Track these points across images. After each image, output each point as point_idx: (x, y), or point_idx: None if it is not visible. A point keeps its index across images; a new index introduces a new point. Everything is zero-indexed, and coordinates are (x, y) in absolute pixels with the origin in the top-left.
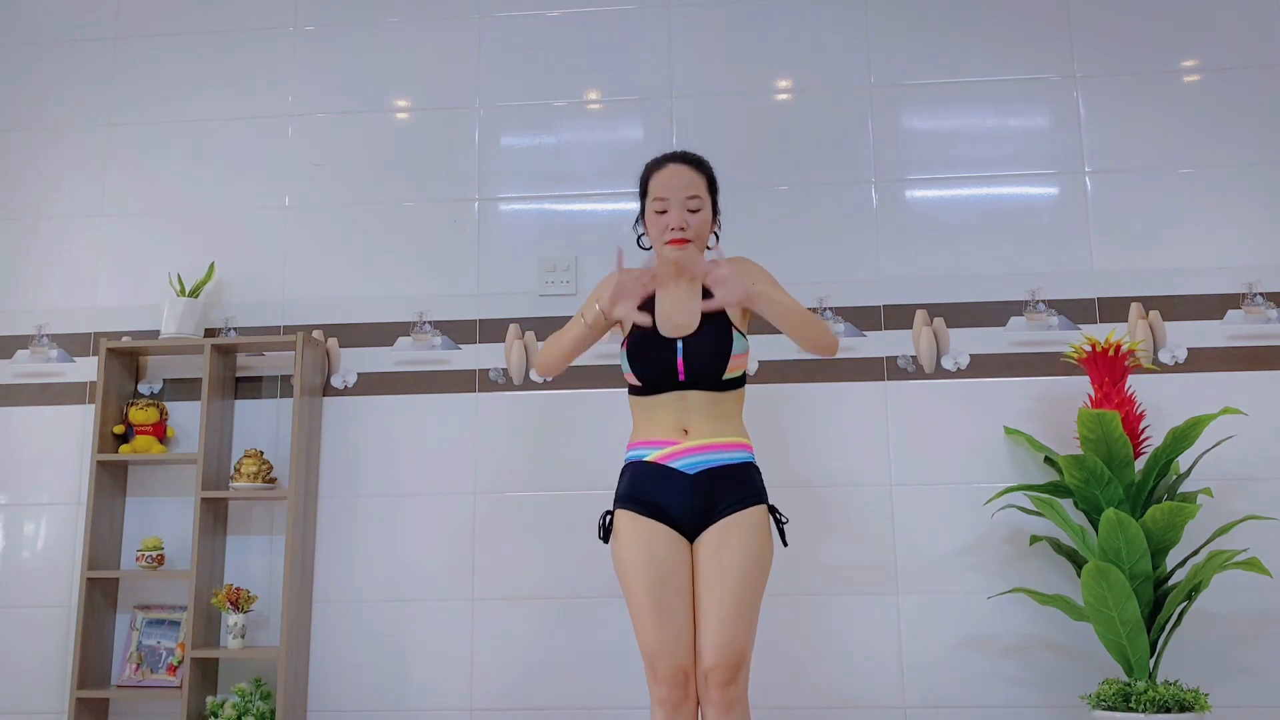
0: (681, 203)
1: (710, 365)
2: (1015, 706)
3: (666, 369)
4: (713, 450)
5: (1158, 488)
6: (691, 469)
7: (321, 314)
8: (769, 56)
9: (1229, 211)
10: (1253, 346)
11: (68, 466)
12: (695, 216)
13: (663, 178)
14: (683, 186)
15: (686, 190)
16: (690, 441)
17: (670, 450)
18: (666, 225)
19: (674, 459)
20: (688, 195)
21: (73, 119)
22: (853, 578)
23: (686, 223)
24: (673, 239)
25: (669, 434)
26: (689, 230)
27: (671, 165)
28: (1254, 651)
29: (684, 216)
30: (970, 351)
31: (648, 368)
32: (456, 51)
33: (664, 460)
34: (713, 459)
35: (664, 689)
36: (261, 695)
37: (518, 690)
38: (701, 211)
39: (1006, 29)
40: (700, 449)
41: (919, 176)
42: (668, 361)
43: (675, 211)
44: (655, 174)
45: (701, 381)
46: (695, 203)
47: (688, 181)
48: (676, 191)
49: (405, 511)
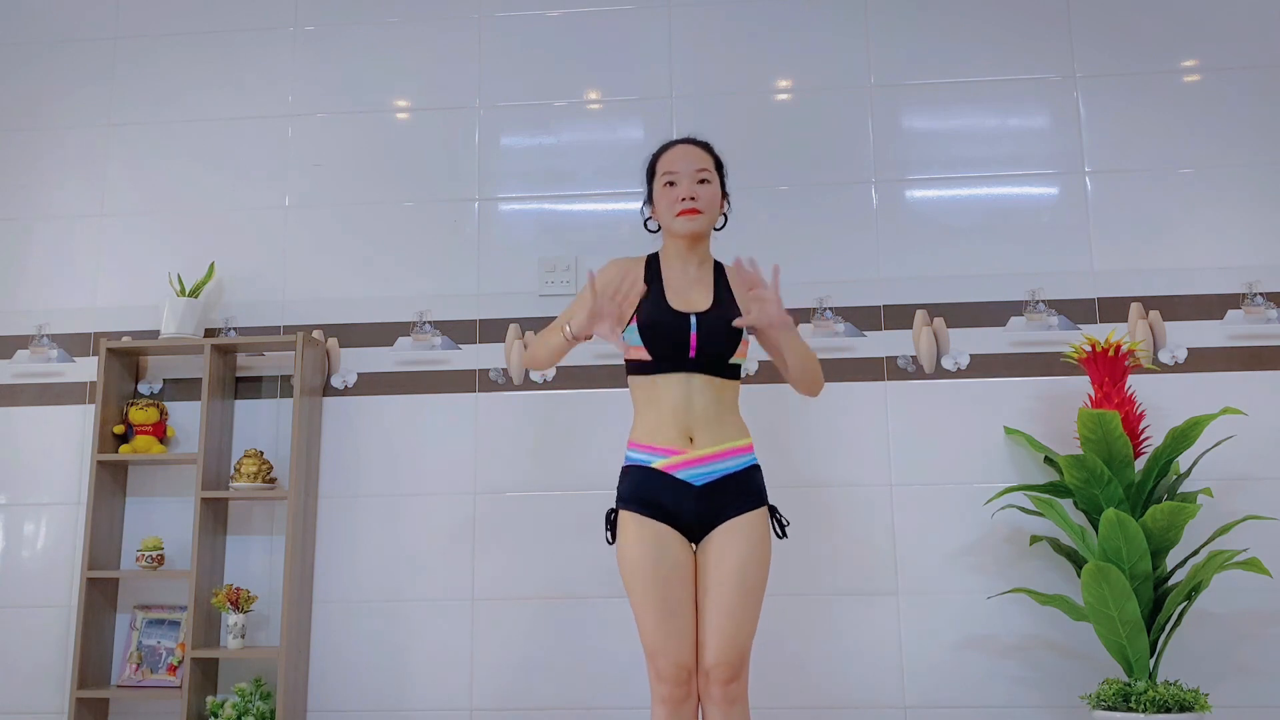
0: (691, 175)
1: (722, 344)
2: (1015, 706)
3: (679, 342)
4: (718, 459)
5: (1158, 488)
6: (698, 480)
7: (321, 314)
8: (769, 56)
9: (1229, 211)
10: (1253, 346)
11: (68, 466)
12: (705, 188)
13: (672, 155)
14: (692, 161)
15: (695, 164)
16: (696, 451)
17: (676, 460)
18: (676, 197)
19: (680, 469)
20: (697, 168)
21: (73, 119)
22: (853, 578)
23: (696, 193)
24: (683, 209)
25: (674, 440)
26: (699, 200)
27: (680, 145)
28: (1254, 651)
29: (694, 187)
30: (970, 351)
31: (659, 339)
32: (456, 51)
33: (670, 470)
34: (718, 469)
35: (666, 687)
36: (261, 695)
37: (518, 690)
38: (711, 184)
39: (1006, 29)
40: (706, 459)
41: (919, 176)
42: (681, 335)
43: (685, 183)
44: (663, 154)
45: (710, 362)
46: (705, 174)
47: (696, 157)
48: (686, 165)
49: (405, 511)
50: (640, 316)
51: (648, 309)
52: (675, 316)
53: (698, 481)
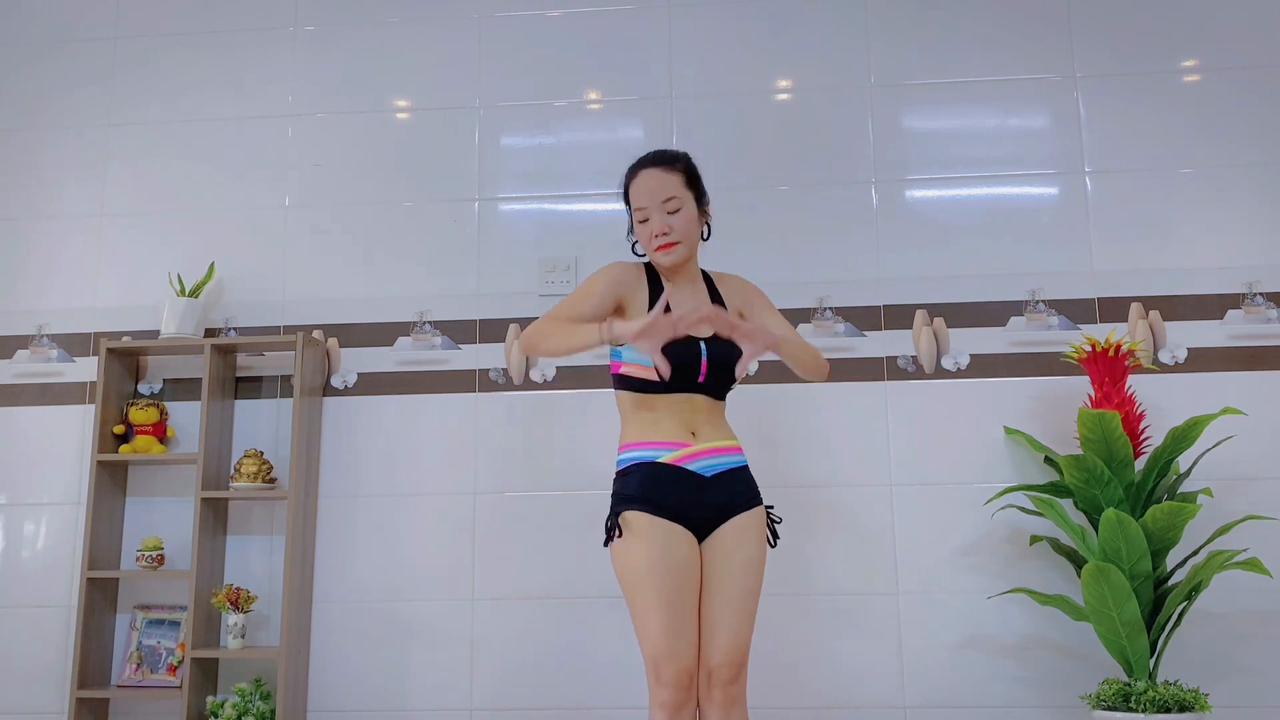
0: (659, 208)
1: (729, 369)
2: (1015, 706)
3: (689, 368)
4: (721, 453)
5: (1158, 488)
6: (707, 471)
7: (321, 314)
8: (769, 56)
9: (1229, 211)
10: (1253, 346)
11: (68, 466)
12: (676, 218)
13: (637, 187)
14: (657, 191)
15: (661, 194)
16: (701, 444)
17: (684, 452)
18: (650, 234)
19: (689, 461)
20: (663, 199)
21: (73, 119)
22: (853, 578)
23: (669, 226)
24: (660, 245)
25: (677, 435)
26: (673, 234)
27: (643, 173)
28: (1254, 651)
29: (665, 221)
30: (970, 351)
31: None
32: (456, 51)
33: (679, 462)
34: (723, 462)
35: (668, 692)
36: (261, 695)
37: (518, 690)
38: (682, 210)
39: (1006, 29)
40: (711, 451)
41: (919, 176)
42: (691, 360)
43: (655, 217)
44: (631, 184)
45: (716, 385)
46: (673, 204)
47: (660, 185)
48: (652, 198)
49: (405, 511)
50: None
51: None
52: (687, 343)
53: (708, 472)
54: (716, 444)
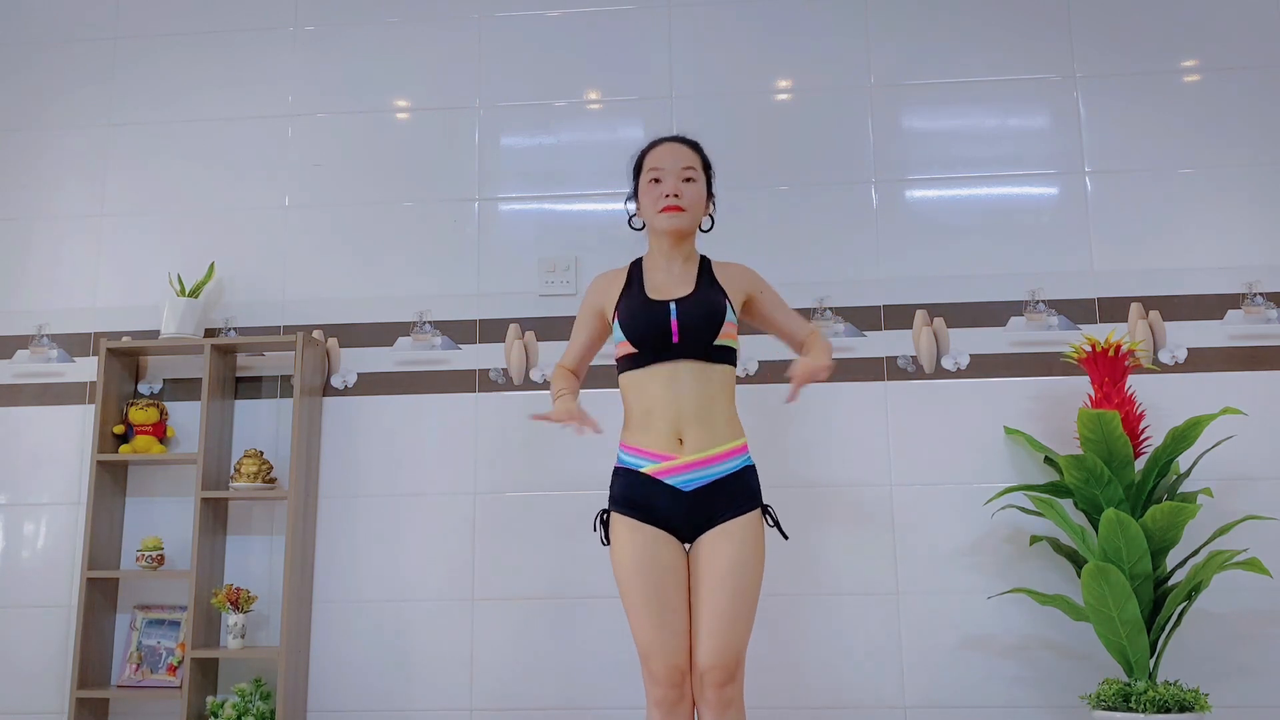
0: (677, 172)
1: (703, 326)
2: (1015, 706)
3: (661, 329)
4: (709, 465)
5: (1158, 488)
6: (688, 486)
7: (321, 314)
8: (769, 56)
9: (1229, 211)
10: (1253, 346)
11: (68, 466)
12: (690, 186)
13: (659, 151)
14: (679, 159)
15: (682, 162)
16: (687, 456)
17: (666, 465)
18: (660, 194)
19: (669, 475)
20: (682, 166)
21: (73, 119)
22: (853, 578)
23: (680, 190)
24: (666, 206)
25: (663, 442)
26: (683, 198)
27: (668, 142)
28: (1254, 651)
29: (678, 185)
30: (970, 351)
31: (639, 327)
32: (456, 51)
33: (660, 475)
34: (708, 474)
35: (661, 689)
36: (261, 695)
37: (518, 690)
38: (696, 183)
39: (1006, 29)
40: (696, 465)
41: (919, 176)
42: (662, 322)
43: (670, 180)
44: (651, 150)
45: (694, 347)
46: (689, 173)
47: (684, 155)
48: (672, 162)
49: (405, 511)
50: (620, 312)
51: (626, 303)
52: (654, 306)
53: (687, 488)
54: (703, 455)
